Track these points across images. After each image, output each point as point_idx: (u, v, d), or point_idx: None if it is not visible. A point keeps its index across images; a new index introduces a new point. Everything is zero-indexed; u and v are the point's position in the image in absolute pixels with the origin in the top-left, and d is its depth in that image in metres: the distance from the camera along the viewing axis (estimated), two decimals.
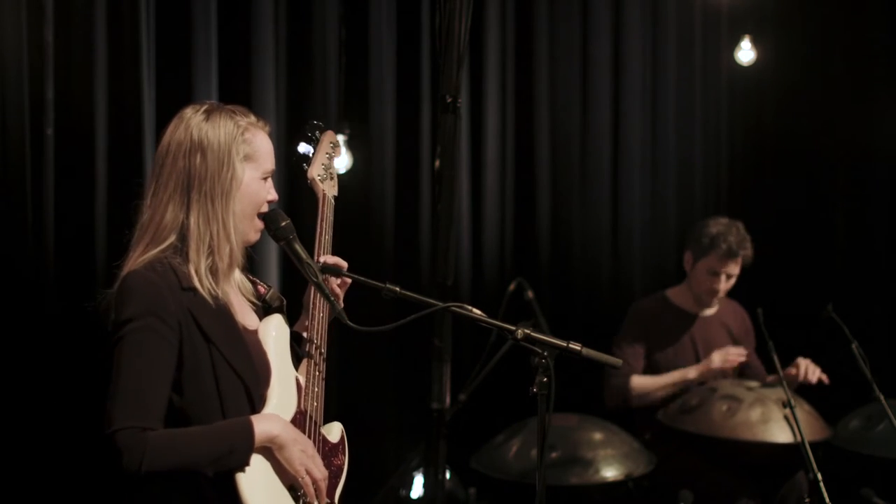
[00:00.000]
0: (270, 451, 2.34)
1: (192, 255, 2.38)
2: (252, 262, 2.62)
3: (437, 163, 3.69)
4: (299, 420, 2.46)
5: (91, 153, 4.16)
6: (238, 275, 2.54)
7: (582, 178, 5.68)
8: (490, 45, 5.38)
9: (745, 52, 5.71)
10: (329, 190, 2.79)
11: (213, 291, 2.39)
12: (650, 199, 5.83)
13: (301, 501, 2.39)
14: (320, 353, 2.58)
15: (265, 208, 2.53)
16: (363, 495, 4.87)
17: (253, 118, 2.51)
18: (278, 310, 2.60)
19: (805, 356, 4.33)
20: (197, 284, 2.36)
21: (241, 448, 2.27)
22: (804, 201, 6.06)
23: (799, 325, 5.17)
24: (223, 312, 2.42)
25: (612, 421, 4.31)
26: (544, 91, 5.56)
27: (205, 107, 2.46)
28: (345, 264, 2.64)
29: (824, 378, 4.27)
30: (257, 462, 2.31)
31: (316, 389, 2.53)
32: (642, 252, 5.79)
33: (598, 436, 4.11)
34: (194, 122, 2.42)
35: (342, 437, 2.64)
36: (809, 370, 4.26)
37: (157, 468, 2.18)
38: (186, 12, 4.41)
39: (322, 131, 2.87)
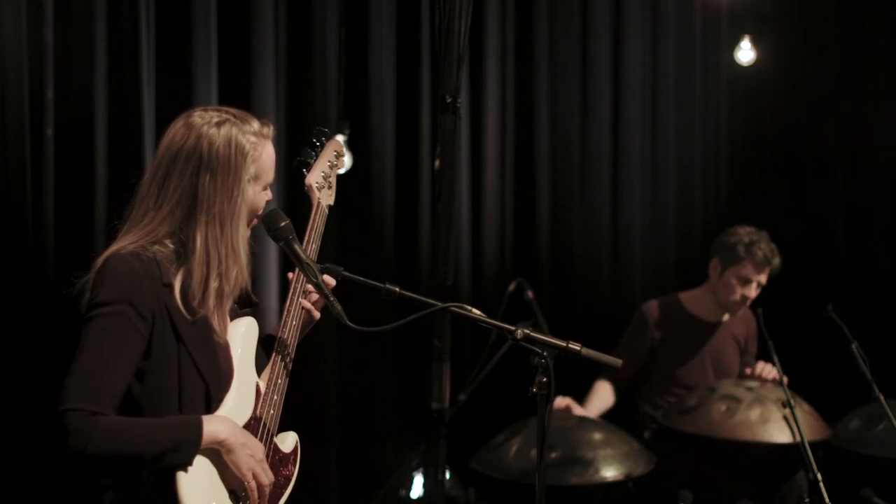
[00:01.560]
0: (217, 454, 2.32)
1: (196, 275, 2.37)
2: (251, 263, 2.61)
3: (437, 163, 3.69)
4: (252, 426, 2.44)
5: (91, 153, 4.16)
6: None
7: (582, 178, 5.68)
8: (490, 45, 5.38)
9: (745, 52, 5.71)
10: (325, 199, 2.77)
11: (192, 308, 2.37)
12: (650, 199, 5.83)
13: None
14: (289, 360, 2.56)
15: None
16: (363, 495, 4.87)
17: (264, 129, 2.49)
18: (251, 312, 2.59)
19: (805, 356, 4.33)
20: (177, 294, 2.35)
21: (187, 446, 2.25)
22: (804, 201, 6.06)
23: (799, 325, 5.17)
24: (203, 320, 2.41)
25: (612, 421, 4.31)
26: (544, 91, 5.56)
27: (215, 118, 2.42)
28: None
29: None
30: (200, 463, 2.29)
31: (275, 397, 2.50)
32: (642, 252, 5.79)
33: (597, 436, 4.10)
34: (205, 136, 2.39)
35: (296, 448, 2.61)
36: (766, 370, 4.28)
37: (102, 452, 2.19)
38: (186, 12, 4.41)
39: (328, 138, 2.86)
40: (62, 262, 4.06)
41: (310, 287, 2.60)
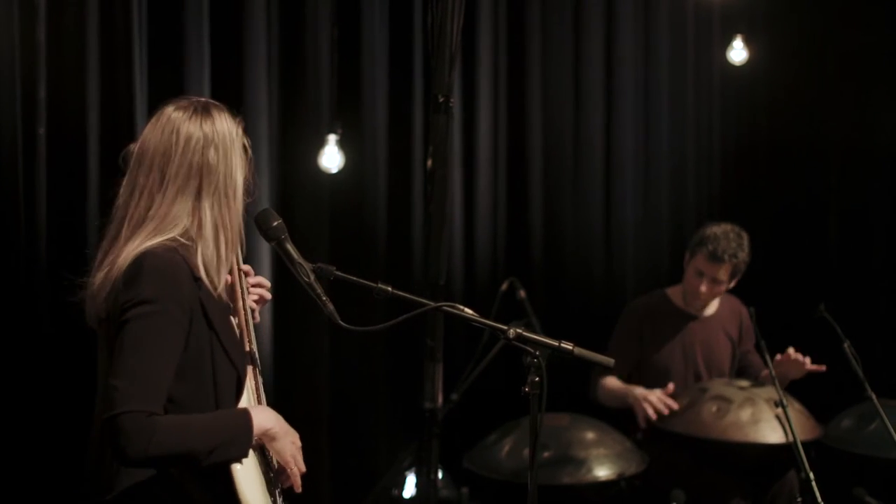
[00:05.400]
0: (257, 445, 2.34)
1: (208, 247, 2.35)
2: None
3: (430, 162, 3.70)
4: None
5: (83, 152, 4.16)
6: None
7: (574, 177, 5.68)
8: (482, 44, 5.38)
9: (738, 52, 5.72)
10: None
11: (216, 283, 2.36)
12: (643, 199, 5.83)
13: (276, 492, 2.38)
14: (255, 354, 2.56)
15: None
16: (355, 495, 4.87)
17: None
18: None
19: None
20: (203, 276, 2.34)
21: (241, 439, 2.26)
22: (797, 201, 6.07)
23: (792, 325, 5.18)
24: (224, 303, 2.41)
25: (605, 420, 4.31)
26: (536, 91, 5.56)
27: (192, 105, 2.43)
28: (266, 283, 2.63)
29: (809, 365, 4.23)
30: (250, 455, 2.30)
31: (253, 382, 2.49)
32: (635, 251, 5.80)
33: (590, 435, 4.10)
34: (196, 119, 2.40)
35: None
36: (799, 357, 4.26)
37: (163, 453, 2.15)
38: (178, 12, 4.41)
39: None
40: (54, 261, 4.06)
41: (253, 286, 2.61)
